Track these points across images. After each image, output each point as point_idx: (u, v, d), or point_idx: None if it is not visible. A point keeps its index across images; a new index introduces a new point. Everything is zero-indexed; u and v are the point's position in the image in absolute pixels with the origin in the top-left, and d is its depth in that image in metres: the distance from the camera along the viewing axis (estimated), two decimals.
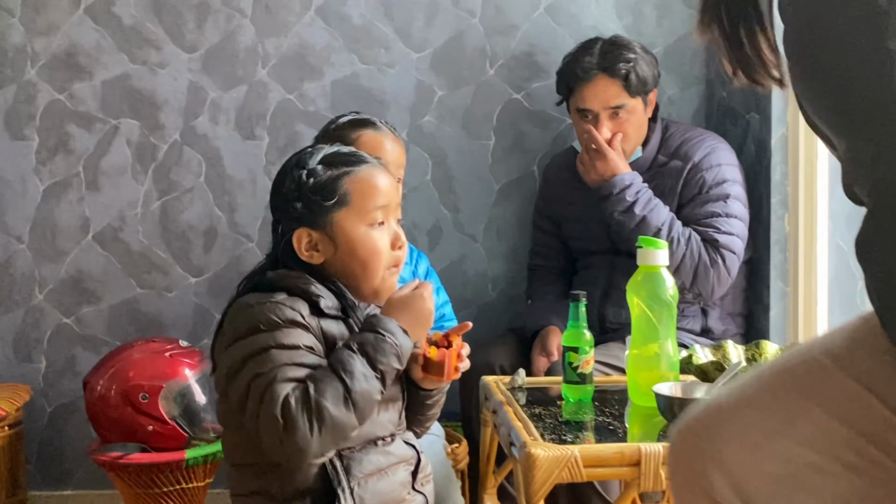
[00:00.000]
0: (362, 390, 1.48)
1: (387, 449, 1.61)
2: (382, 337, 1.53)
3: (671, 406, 1.87)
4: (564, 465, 1.66)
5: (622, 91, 2.60)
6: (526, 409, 1.99)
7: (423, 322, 1.61)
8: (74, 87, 2.93)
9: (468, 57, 3.00)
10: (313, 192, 1.59)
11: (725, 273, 2.58)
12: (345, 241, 1.59)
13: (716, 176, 2.61)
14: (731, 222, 2.59)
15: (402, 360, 1.55)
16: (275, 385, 1.44)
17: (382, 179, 1.63)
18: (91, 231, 2.96)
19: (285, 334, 1.50)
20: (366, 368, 1.50)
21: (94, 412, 2.58)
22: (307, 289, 1.56)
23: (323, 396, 1.45)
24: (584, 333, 2.08)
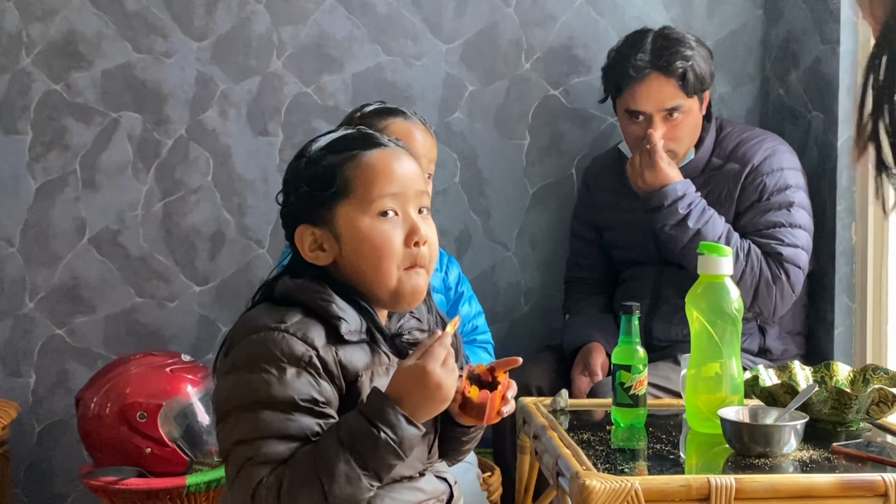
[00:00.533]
0: (344, 494, 1.35)
1: (415, 485, 1.49)
2: (377, 434, 1.35)
3: (740, 433, 1.76)
4: (624, 498, 1.54)
5: (678, 91, 2.48)
6: (572, 435, 1.87)
7: (434, 401, 1.39)
8: (72, 76, 2.86)
9: (502, 49, 2.93)
10: (310, 181, 1.47)
11: (790, 290, 2.46)
12: (349, 236, 1.46)
13: (778, 181, 2.49)
14: (795, 233, 2.47)
15: (403, 453, 1.37)
16: (252, 468, 1.36)
17: (394, 163, 1.47)
18: (87, 234, 2.89)
19: (283, 385, 1.38)
20: (351, 469, 1.35)
21: (86, 432, 2.51)
22: (328, 309, 1.43)
23: (295, 499, 1.35)
24: (638, 350, 1.96)
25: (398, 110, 2.26)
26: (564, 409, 2.07)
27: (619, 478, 1.56)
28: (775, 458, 1.71)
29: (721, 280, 1.89)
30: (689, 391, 1.92)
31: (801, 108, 2.74)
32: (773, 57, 2.90)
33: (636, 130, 2.52)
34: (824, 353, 2.57)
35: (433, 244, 1.50)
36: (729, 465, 1.71)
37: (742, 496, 1.56)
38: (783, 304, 2.47)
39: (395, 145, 1.51)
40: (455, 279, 2.45)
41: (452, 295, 2.42)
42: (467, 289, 2.47)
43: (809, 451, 1.76)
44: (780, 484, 1.58)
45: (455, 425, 1.53)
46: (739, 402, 1.87)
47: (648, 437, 1.88)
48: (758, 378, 2.01)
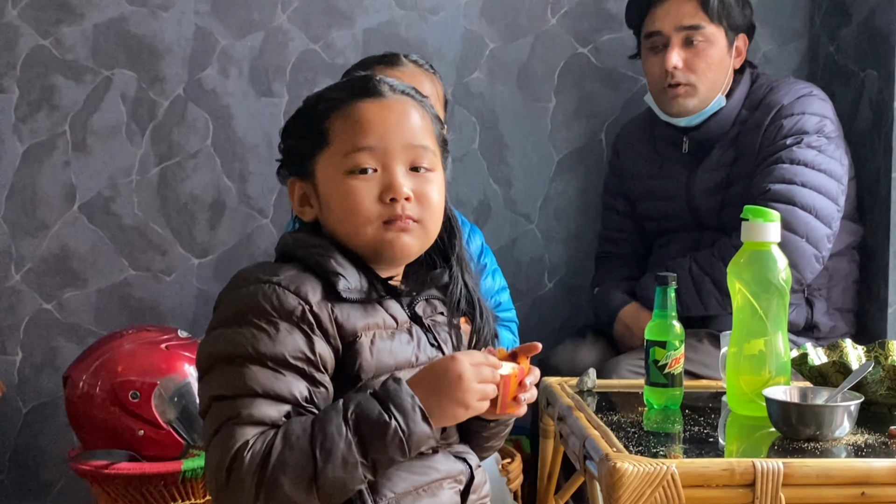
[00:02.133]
0: (335, 479, 1.30)
1: (426, 463, 1.43)
2: (388, 421, 1.31)
3: (787, 414, 1.69)
4: (659, 483, 1.48)
5: (698, 10, 2.47)
6: (601, 416, 1.82)
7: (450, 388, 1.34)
8: (62, 31, 2.83)
9: (526, 3, 2.90)
10: (297, 129, 1.48)
11: (786, 234, 2.26)
12: (323, 191, 1.45)
13: (795, 124, 2.43)
14: (795, 169, 2.38)
15: (407, 450, 1.32)
16: (235, 427, 1.31)
17: (383, 114, 1.43)
18: (77, 201, 2.86)
19: (274, 339, 1.34)
20: (351, 454, 1.30)
21: (75, 413, 2.48)
22: (325, 264, 1.41)
23: (283, 471, 1.29)
24: (674, 325, 1.91)
25: (386, 57, 2.29)
26: (592, 390, 2.02)
27: (654, 460, 1.50)
28: (826, 442, 1.65)
29: (767, 248, 1.83)
30: (731, 371, 1.86)
31: (854, 66, 2.68)
32: (822, 11, 2.83)
33: (656, 62, 2.50)
34: (877, 332, 2.51)
35: (427, 202, 1.44)
36: (775, 449, 1.65)
37: (791, 482, 1.50)
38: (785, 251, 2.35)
39: (397, 93, 1.46)
40: (477, 250, 2.39)
41: (474, 267, 2.36)
42: (491, 261, 2.41)
43: (864, 435, 1.70)
44: (833, 469, 1.52)
45: (475, 418, 1.46)
46: (787, 382, 1.81)
47: (684, 420, 1.83)
48: (806, 356, 1.94)
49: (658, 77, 2.51)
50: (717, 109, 2.50)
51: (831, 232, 2.40)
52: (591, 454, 1.61)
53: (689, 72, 2.47)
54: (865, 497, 1.51)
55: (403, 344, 1.44)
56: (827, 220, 2.38)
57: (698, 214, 2.55)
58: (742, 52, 2.54)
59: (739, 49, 2.54)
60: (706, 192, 2.52)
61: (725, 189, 2.49)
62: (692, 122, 2.52)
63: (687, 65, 2.47)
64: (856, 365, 1.91)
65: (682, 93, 2.48)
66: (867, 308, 2.59)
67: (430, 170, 1.46)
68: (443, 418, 1.35)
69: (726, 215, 2.45)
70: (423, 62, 2.33)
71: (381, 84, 1.46)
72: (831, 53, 2.79)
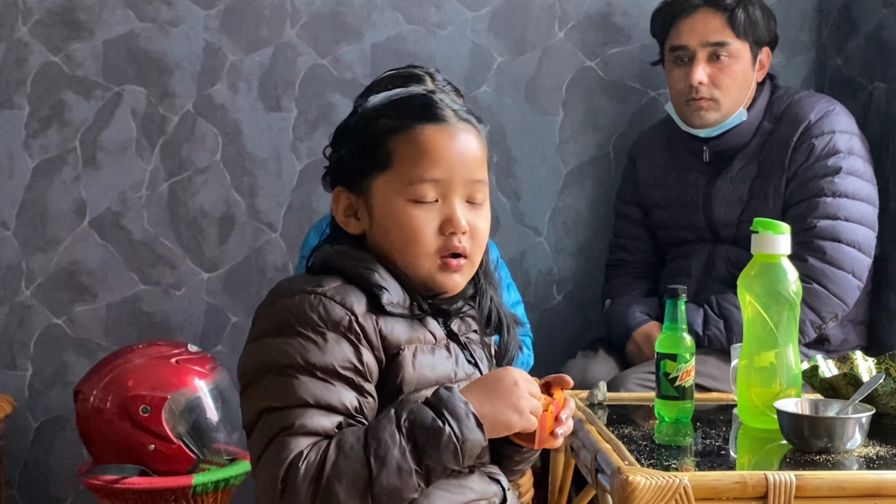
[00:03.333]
0: (390, 486, 1.29)
1: (462, 483, 1.41)
2: (441, 427, 1.30)
3: (799, 427, 1.69)
4: (671, 496, 1.48)
5: (726, 26, 2.48)
6: (612, 429, 1.81)
7: (505, 393, 1.35)
8: (72, 47, 2.83)
9: (533, 17, 2.89)
10: (353, 139, 1.44)
11: (832, 270, 2.35)
12: (381, 213, 1.42)
13: (827, 144, 2.44)
14: (840, 203, 2.40)
15: (461, 458, 1.32)
16: (288, 438, 1.30)
17: (448, 144, 1.41)
18: (87, 216, 2.86)
19: (322, 349, 1.33)
20: (405, 461, 1.29)
21: (86, 427, 2.48)
22: (369, 277, 1.40)
23: (338, 479, 1.28)
24: (684, 338, 1.90)
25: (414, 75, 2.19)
26: (602, 403, 2.02)
27: (666, 473, 1.50)
28: (838, 454, 1.64)
29: (777, 260, 1.83)
30: (742, 383, 1.86)
31: (862, 79, 2.68)
32: (830, 24, 2.83)
33: (681, 76, 2.51)
34: (888, 344, 2.50)
35: (479, 236, 1.45)
36: (787, 462, 1.65)
37: (803, 494, 1.50)
38: (832, 285, 2.38)
39: (461, 119, 1.44)
40: (493, 264, 2.37)
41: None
42: (506, 275, 2.40)
43: (875, 447, 1.70)
44: (846, 481, 1.52)
45: (508, 443, 1.46)
46: (797, 395, 1.81)
47: (696, 433, 1.83)
48: (817, 368, 1.94)
49: (682, 89, 2.51)
50: (738, 122, 2.51)
51: (871, 260, 2.43)
52: (603, 467, 1.61)
53: (714, 87, 2.48)
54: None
55: (443, 359, 1.43)
56: (868, 250, 2.42)
57: (715, 225, 2.55)
58: (765, 66, 2.56)
59: (762, 62, 2.55)
60: (726, 202, 2.52)
61: (746, 202, 2.50)
62: (712, 133, 2.53)
63: (712, 80, 2.48)
64: (866, 377, 1.91)
65: (705, 106, 2.49)
66: (878, 320, 2.58)
67: (483, 203, 1.47)
68: (496, 425, 1.35)
69: (744, 229, 2.45)
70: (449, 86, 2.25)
71: (445, 109, 1.43)
72: (839, 66, 2.79)
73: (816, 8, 2.88)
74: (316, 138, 2.85)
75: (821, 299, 2.36)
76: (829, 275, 2.37)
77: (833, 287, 2.37)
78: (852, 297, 2.40)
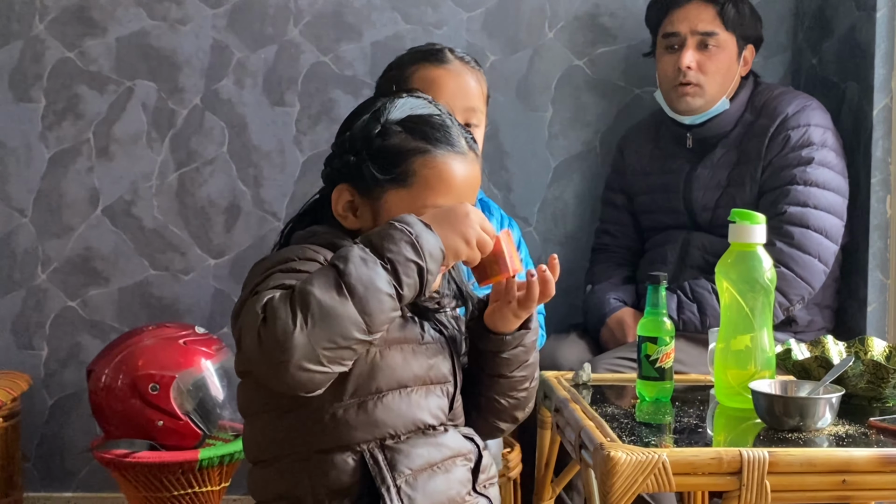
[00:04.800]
0: (359, 274, 1.27)
1: (438, 440, 1.42)
2: (391, 226, 1.32)
3: (772, 406, 1.68)
4: (651, 471, 1.47)
5: (716, 17, 2.50)
6: (596, 408, 1.80)
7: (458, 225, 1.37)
8: (86, 44, 2.82)
9: (525, 18, 2.87)
10: (376, 155, 1.43)
11: (799, 254, 2.34)
12: (385, 220, 1.40)
13: (801, 136, 2.44)
14: (810, 192, 2.40)
15: (420, 252, 1.31)
16: (264, 290, 1.29)
17: (462, 175, 1.44)
18: (101, 205, 2.85)
19: (298, 263, 1.34)
20: (366, 253, 1.29)
21: (97, 404, 2.48)
22: (336, 242, 1.41)
23: (309, 283, 1.26)
24: (665, 321, 1.89)
25: (432, 51, 2.13)
26: (587, 383, 2.01)
27: (646, 449, 1.49)
28: (809, 433, 1.64)
29: (753, 249, 1.81)
30: (718, 365, 1.85)
31: (835, 78, 2.66)
32: (805, 25, 2.82)
33: (670, 61, 2.52)
34: (856, 329, 2.49)
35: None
36: (761, 439, 1.63)
37: (776, 470, 1.49)
38: (799, 269, 2.37)
39: (472, 147, 1.46)
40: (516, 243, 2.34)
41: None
42: (526, 256, 2.34)
43: (845, 426, 1.69)
44: (817, 458, 1.51)
45: (490, 334, 1.47)
46: (771, 377, 1.80)
47: (675, 412, 1.82)
48: (790, 351, 1.94)
49: (671, 74, 2.52)
50: (721, 111, 2.52)
51: (837, 247, 2.42)
52: (587, 444, 1.60)
53: (700, 73, 2.49)
54: (846, 484, 1.50)
55: (411, 323, 1.45)
56: (835, 237, 2.41)
57: (693, 209, 2.55)
58: (749, 62, 2.56)
59: (746, 59, 2.56)
60: (704, 187, 2.53)
61: (724, 188, 2.50)
62: (696, 121, 2.53)
63: (699, 66, 2.49)
64: (837, 360, 1.90)
65: (690, 92, 2.50)
66: (847, 306, 2.57)
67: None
68: (445, 249, 1.35)
69: (719, 214, 2.46)
70: (469, 58, 2.18)
71: (463, 138, 1.46)
72: (814, 66, 2.78)
73: (793, 10, 2.87)
74: (318, 132, 2.83)
75: (788, 282, 2.36)
76: (796, 259, 2.36)
77: (800, 270, 2.37)
78: (818, 280, 2.40)
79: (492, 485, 1.48)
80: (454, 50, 2.18)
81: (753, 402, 1.70)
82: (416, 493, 1.36)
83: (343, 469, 1.36)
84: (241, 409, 1.48)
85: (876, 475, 1.50)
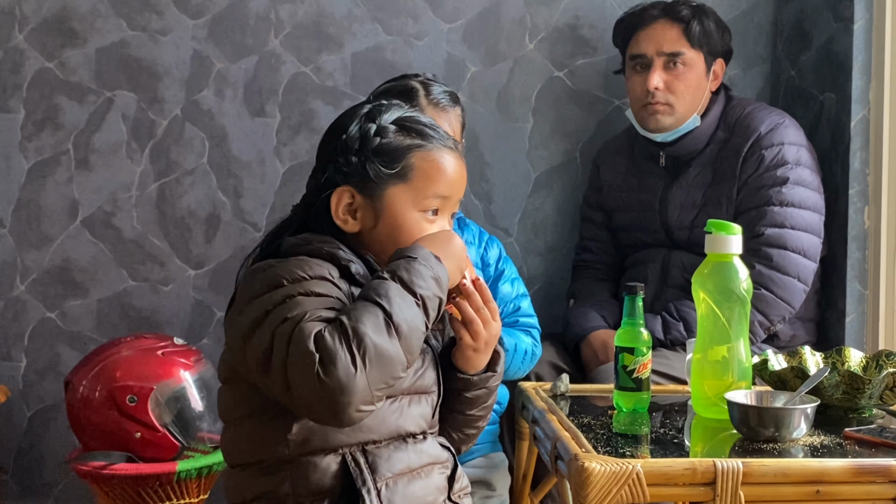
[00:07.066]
0: (404, 315, 1.32)
1: (419, 447, 1.45)
2: (414, 259, 1.37)
3: (747, 417, 1.69)
4: (625, 481, 1.47)
5: (681, 36, 2.49)
6: (572, 419, 1.80)
7: (456, 257, 1.44)
8: (66, 54, 2.80)
9: (505, 29, 2.87)
10: (376, 153, 1.47)
11: (778, 275, 2.35)
12: (390, 219, 1.48)
13: (776, 156, 2.43)
14: (786, 212, 2.39)
15: (441, 286, 1.38)
16: (304, 323, 1.30)
17: (454, 166, 1.51)
18: (80, 215, 2.83)
19: (314, 284, 1.36)
20: (402, 293, 1.33)
21: (75, 416, 2.45)
22: (335, 252, 1.43)
23: (361, 322, 1.29)
24: (642, 332, 1.88)
25: (402, 91, 2.14)
26: (565, 394, 2.01)
27: (620, 460, 1.49)
28: (784, 443, 1.64)
29: (729, 259, 1.82)
30: (695, 376, 1.84)
31: (813, 89, 2.67)
32: (784, 37, 2.83)
33: (639, 82, 2.52)
34: (835, 341, 2.50)
35: None
36: (736, 450, 1.64)
37: (750, 480, 1.49)
38: (779, 290, 2.37)
39: (455, 146, 1.53)
40: (496, 256, 2.32)
41: (492, 272, 2.29)
42: (510, 269, 2.33)
43: (820, 437, 1.69)
44: (790, 468, 1.51)
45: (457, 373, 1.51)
46: (747, 387, 1.80)
47: (652, 422, 1.82)
48: (767, 362, 1.94)
49: (640, 95, 2.52)
50: (692, 128, 2.51)
51: (816, 264, 2.42)
52: (562, 455, 1.60)
53: (669, 92, 2.49)
54: (820, 494, 1.50)
55: None
56: (813, 256, 2.41)
57: (670, 228, 2.54)
58: (719, 76, 2.56)
59: (716, 73, 2.55)
60: (680, 206, 2.52)
61: (700, 207, 2.49)
62: (668, 139, 2.53)
63: (667, 86, 2.49)
64: (814, 370, 1.90)
65: (660, 110, 2.50)
66: (826, 317, 2.57)
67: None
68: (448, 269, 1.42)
69: (697, 234, 2.45)
70: (442, 96, 2.20)
71: (446, 135, 1.52)
72: (793, 77, 2.78)
73: (772, 22, 2.88)
74: (298, 143, 2.83)
75: (769, 303, 2.36)
76: (776, 280, 2.36)
77: (780, 292, 2.37)
78: (798, 300, 2.40)
79: (466, 495, 1.49)
80: (429, 87, 2.19)
81: (729, 413, 1.70)
82: (395, 496, 1.38)
83: (325, 471, 1.37)
84: (223, 415, 1.48)
85: (849, 485, 1.51)
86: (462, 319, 1.48)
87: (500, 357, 1.55)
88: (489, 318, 1.48)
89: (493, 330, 1.49)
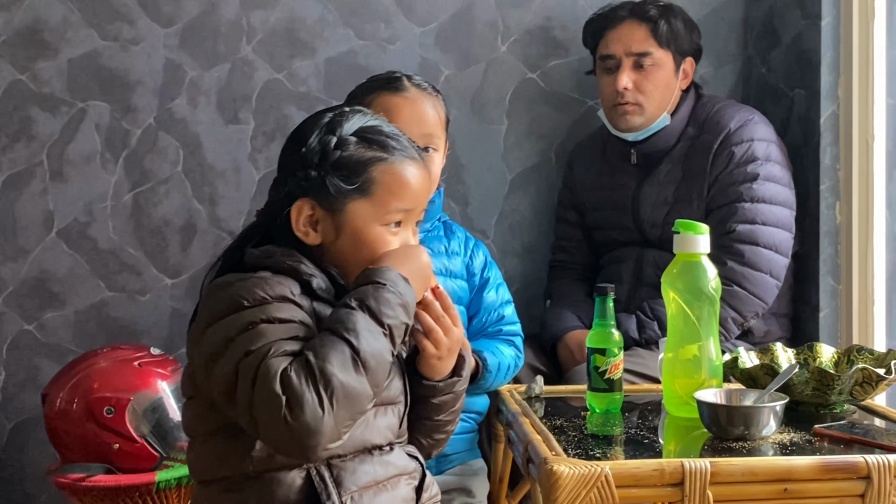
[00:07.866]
0: (372, 350, 1.31)
1: (385, 458, 1.44)
2: (383, 286, 1.36)
3: (717, 415, 1.69)
4: (593, 484, 1.47)
5: (649, 36, 2.50)
6: (545, 421, 1.81)
7: (422, 275, 1.44)
8: (38, 66, 2.79)
9: (478, 31, 2.88)
10: (336, 167, 1.45)
11: (750, 272, 2.36)
12: (352, 233, 1.46)
13: (745, 152, 2.45)
14: (757, 208, 2.40)
15: (409, 312, 1.38)
16: (269, 360, 1.28)
17: (417, 178, 1.49)
18: (55, 227, 2.82)
19: (276, 308, 1.34)
20: (370, 325, 1.32)
21: (53, 428, 2.44)
22: (297, 267, 1.41)
23: (328, 361, 1.28)
24: (613, 333, 1.89)
25: (390, 80, 2.12)
26: (539, 396, 2.01)
27: (589, 463, 1.50)
28: (754, 441, 1.64)
29: (698, 259, 1.83)
30: (667, 375, 1.85)
31: (783, 86, 2.68)
32: (754, 35, 2.84)
33: (608, 82, 2.53)
34: (810, 336, 2.50)
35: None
36: (706, 449, 1.64)
37: (718, 480, 1.49)
38: (751, 286, 2.38)
39: (419, 155, 1.50)
40: (481, 264, 2.27)
41: (477, 280, 2.23)
42: (495, 275, 2.29)
43: (790, 434, 1.70)
44: (758, 467, 1.52)
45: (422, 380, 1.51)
46: (718, 385, 1.81)
47: (625, 423, 1.82)
48: (737, 360, 1.95)
49: (610, 95, 2.53)
50: (662, 127, 2.52)
51: (788, 259, 2.43)
52: (533, 458, 1.60)
53: (638, 92, 2.49)
54: (788, 493, 1.51)
55: None
56: (785, 251, 2.42)
57: (642, 226, 2.55)
58: (689, 75, 2.57)
59: (686, 71, 2.56)
60: (652, 204, 2.53)
61: (672, 204, 2.50)
62: (639, 137, 2.54)
63: (636, 86, 2.49)
64: (786, 366, 1.91)
65: (630, 110, 2.50)
66: (800, 312, 2.58)
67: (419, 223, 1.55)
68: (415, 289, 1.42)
69: (668, 231, 2.45)
70: (427, 85, 2.17)
71: (409, 144, 1.50)
72: (763, 74, 2.79)
73: (742, 20, 2.88)
74: (273, 149, 2.83)
75: (741, 300, 2.37)
76: (748, 276, 2.37)
77: (752, 288, 2.38)
78: (771, 295, 2.41)
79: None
80: (412, 77, 2.17)
81: (699, 412, 1.71)
82: None
83: (290, 486, 1.37)
84: (188, 430, 1.47)
85: (817, 483, 1.51)
86: (422, 329, 1.47)
87: (464, 361, 1.55)
88: (450, 326, 1.48)
89: (454, 336, 1.49)
